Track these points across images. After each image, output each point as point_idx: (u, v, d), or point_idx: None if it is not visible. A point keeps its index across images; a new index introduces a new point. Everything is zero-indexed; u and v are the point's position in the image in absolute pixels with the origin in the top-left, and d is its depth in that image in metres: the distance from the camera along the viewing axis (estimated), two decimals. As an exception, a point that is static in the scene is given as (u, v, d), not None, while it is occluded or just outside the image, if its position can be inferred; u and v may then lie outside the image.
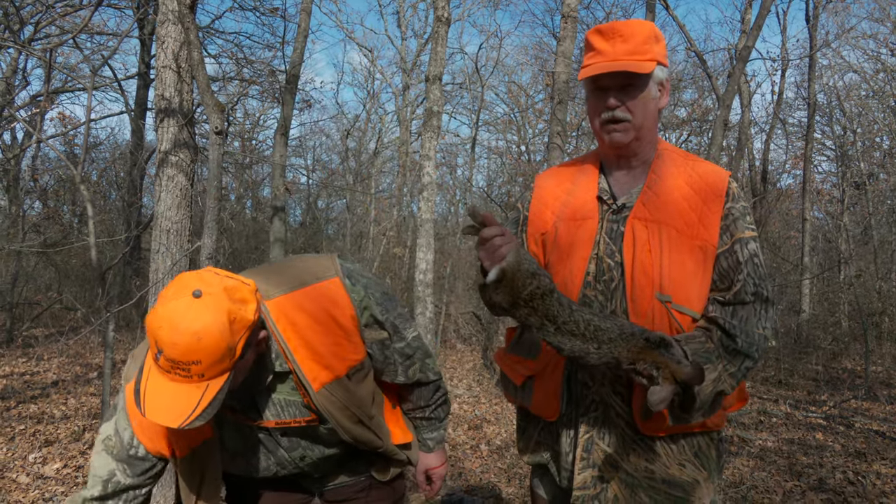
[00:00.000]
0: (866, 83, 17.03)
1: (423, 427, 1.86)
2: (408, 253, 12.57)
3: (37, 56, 6.10)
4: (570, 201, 1.78)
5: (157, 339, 1.26)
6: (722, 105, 6.51)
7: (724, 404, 1.67)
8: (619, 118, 1.65)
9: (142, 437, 1.51)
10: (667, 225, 1.62)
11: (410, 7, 18.62)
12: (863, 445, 5.52)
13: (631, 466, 1.65)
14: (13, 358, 8.25)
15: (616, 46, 1.63)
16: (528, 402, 1.79)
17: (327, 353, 1.53)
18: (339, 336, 1.55)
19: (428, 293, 6.34)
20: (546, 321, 1.47)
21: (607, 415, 1.67)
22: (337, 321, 1.54)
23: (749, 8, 11.53)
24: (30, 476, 4.39)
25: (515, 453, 5.22)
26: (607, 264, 1.66)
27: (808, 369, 8.87)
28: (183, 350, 1.25)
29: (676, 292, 1.59)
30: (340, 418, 1.58)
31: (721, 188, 1.64)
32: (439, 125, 6.61)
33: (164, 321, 1.26)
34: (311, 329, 1.52)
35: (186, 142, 3.93)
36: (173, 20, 3.92)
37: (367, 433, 1.64)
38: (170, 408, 1.27)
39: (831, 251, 15.42)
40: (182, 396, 1.28)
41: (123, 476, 1.53)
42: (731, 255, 1.60)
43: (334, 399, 1.56)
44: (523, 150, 19.07)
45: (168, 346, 1.25)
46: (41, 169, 13.83)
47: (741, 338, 1.57)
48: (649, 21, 1.72)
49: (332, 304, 1.54)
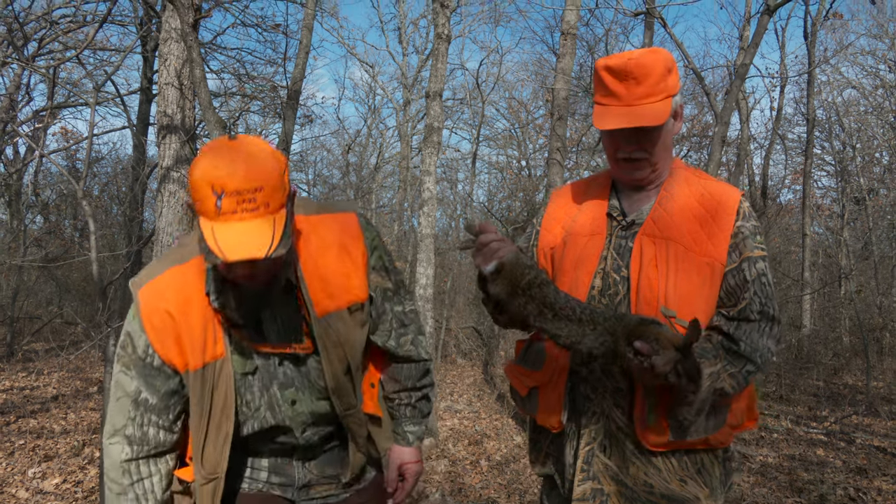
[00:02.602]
0: (865, 99, 17.13)
1: (405, 418, 1.79)
2: (408, 267, 12.58)
3: (40, 72, 6.14)
4: (579, 217, 1.80)
5: (213, 182, 1.27)
6: (720, 122, 6.55)
7: (732, 422, 1.67)
8: (636, 158, 1.66)
9: (156, 342, 1.49)
10: (675, 241, 1.63)
11: (411, 24, 18.74)
12: (864, 461, 5.50)
13: (630, 480, 1.65)
14: (13, 372, 8.25)
15: (630, 89, 1.61)
16: (533, 412, 1.82)
17: (334, 282, 1.56)
18: (348, 266, 1.57)
19: (428, 308, 6.35)
20: (544, 307, 1.51)
21: (608, 427, 1.68)
22: (348, 251, 1.57)
23: (747, 25, 11.60)
24: (29, 491, 4.38)
25: (516, 469, 5.20)
26: (613, 279, 1.67)
27: (808, 385, 8.86)
28: (243, 175, 1.27)
29: (681, 308, 1.59)
30: (332, 355, 1.58)
31: (731, 207, 1.65)
32: (440, 140, 6.64)
33: (215, 161, 1.28)
34: (323, 253, 1.55)
35: (188, 158, 3.97)
36: (176, 38, 3.96)
37: (349, 385, 1.63)
38: (248, 242, 1.28)
39: (832, 266, 15.41)
40: (255, 232, 1.28)
41: (149, 394, 1.52)
42: (738, 274, 1.61)
43: (331, 332, 1.57)
44: (524, 166, 19.12)
45: (228, 177, 1.27)
46: (43, 183, 13.89)
47: (744, 342, 1.59)
48: (659, 50, 1.65)
49: (345, 233, 1.58)
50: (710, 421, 1.63)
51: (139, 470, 1.55)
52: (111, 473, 1.55)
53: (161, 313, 1.50)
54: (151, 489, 1.56)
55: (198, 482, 1.56)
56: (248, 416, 1.59)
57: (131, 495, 1.54)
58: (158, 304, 1.50)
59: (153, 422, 1.54)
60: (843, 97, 17.10)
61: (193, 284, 1.51)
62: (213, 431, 1.54)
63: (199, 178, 1.29)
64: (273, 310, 1.55)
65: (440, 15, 6.46)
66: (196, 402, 1.53)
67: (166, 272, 1.53)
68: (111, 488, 1.55)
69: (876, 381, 8.87)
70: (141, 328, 1.51)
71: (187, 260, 1.54)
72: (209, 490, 1.55)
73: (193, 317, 1.50)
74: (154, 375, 1.52)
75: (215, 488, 1.55)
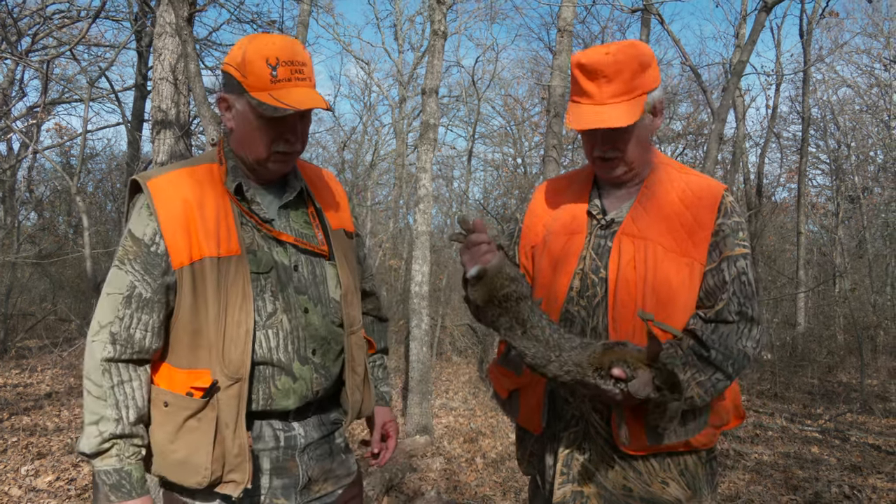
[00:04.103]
0: (860, 98, 17.18)
1: (379, 380, 1.91)
2: (404, 265, 12.57)
3: (34, 67, 6.11)
4: (560, 215, 1.76)
5: (268, 56, 1.46)
6: (717, 119, 6.55)
7: (715, 423, 1.65)
8: (609, 157, 1.63)
9: (166, 228, 1.47)
10: (653, 241, 1.60)
11: (407, 21, 18.73)
12: (858, 459, 5.52)
13: (610, 483, 1.63)
14: (6, 369, 8.21)
15: (602, 88, 1.58)
16: (515, 415, 1.81)
17: (335, 204, 1.76)
18: (340, 198, 1.80)
19: (424, 305, 6.34)
20: (515, 323, 1.50)
21: (587, 431, 1.66)
22: (337, 188, 1.81)
23: (743, 23, 11.61)
24: (22, 489, 4.36)
25: (511, 466, 5.20)
26: (591, 280, 1.64)
27: (803, 383, 8.88)
28: (293, 49, 1.50)
29: (659, 310, 1.56)
30: (344, 264, 1.69)
31: (713, 204, 1.61)
32: (435, 137, 6.63)
33: (265, 39, 1.49)
34: (323, 183, 1.77)
35: (183, 153, 3.94)
36: (171, 32, 3.93)
37: (356, 299, 1.73)
38: (310, 97, 1.49)
39: (826, 264, 15.47)
40: (311, 93, 1.50)
41: (143, 286, 1.47)
42: (717, 274, 1.58)
43: (339, 246, 1.69)
44: (519, 163, 19.13)
45: (281, 50, 1.48)
46: (37, 180, 13.84)
47: (716, 349, 1.54)
48: (636, 44, 1.60)
49: (335, 183, 1.82)
50: (689, 424, 1.60)
51: (120, 372, 1.47)
52: (92, 375, 1.46)
53: (176, 200, 1.50)
54: (132, 395, 1.47)
55: (222, 384, 1.47)
56: (260, 325, 1.53)
57: (111, 400, 1.45)
58: (173, 193, 1.51)
59: (142, 322, 1.47)
60: (838, 96, 17.17)
61: (207, 181, 1.56)
62: (233, 328, 1.48)
63: (253, 53, 1.46)
64: (287, 219, 1.64)
65: (436, 11, 6.44)
66: (212, 297, 1.48)
67: (177, 170, 1.57)
68: (90, 390, 1.46)
69: (870, 378, 8.90)
70: (150, 216, 1.49)
71: (197, 164, 1.60)
72: (233, 393, 1.48)
73: (208, 209, 1.51)
74: (154, 265, 1.48)
75: (240, 392, 1.48)
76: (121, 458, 1.45)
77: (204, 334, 1.49)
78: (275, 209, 1.62)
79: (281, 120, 1.50)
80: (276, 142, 1.53)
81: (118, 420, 1.45)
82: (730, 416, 1.69)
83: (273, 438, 1.60)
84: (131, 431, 1.46)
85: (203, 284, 1.48)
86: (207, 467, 1.46)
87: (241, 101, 1.51)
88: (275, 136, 1.52)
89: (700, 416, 1.62)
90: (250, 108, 1.49)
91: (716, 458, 1.75)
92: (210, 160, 1.60)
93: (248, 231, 1.56)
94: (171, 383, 1.50)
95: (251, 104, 1.48)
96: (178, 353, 1.52)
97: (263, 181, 1.62)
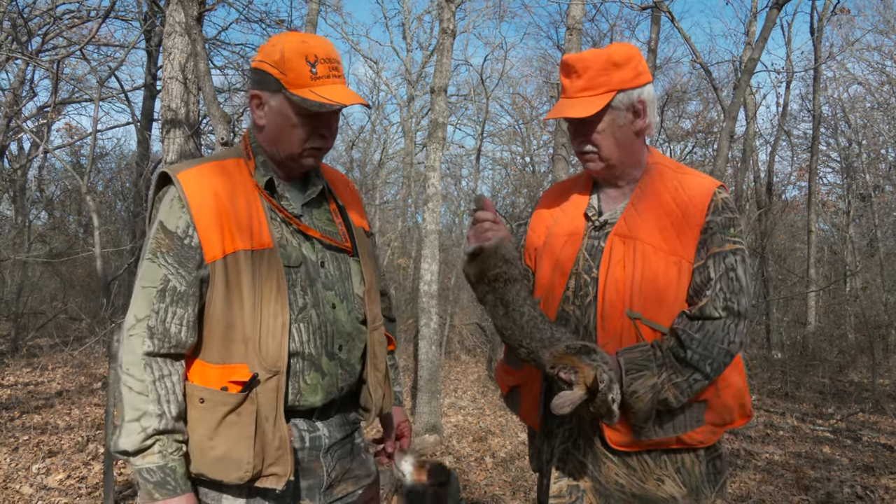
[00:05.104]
0: (871, 95, 17.06)
1: (391, 379, 1.87)
2: (412, 264, 12.57)
3: (44, 67, 6.14)
4: (560, 217, 1.82)
5: (306, 53, 1.50)
6: (728, 117, 6.51)
7: (714, 421, 1.66)
8: (584, 151, 1.71)
9: (199, 220, 1.46)
10: (643, 241, 1.63)
11: (416, 19, 18.75)
12: (871, 459, 5.47)
13: (603, 478, 1.67)
14: (17, 368, 8.26)
15: (573, 83, 1.68)
16: (517, 411, 1.86)
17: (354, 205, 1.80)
18: (356, 199, 1.84)
19: (432, 304, 6.33)
20: (500, 303, 1.60)
21: (581, 427, 1.70)
22: (358, 197, 1.86)
23: (754, 20, 11.55)
24: (33, 487, 4.38)
25: (521, 466, 5.19)
26: (584, 280, 1.69)
27: (814, 382, 8.82)
28: (328, 46, 1.55)
29: (647, 309, 1.60)
30: (367, 260, 1.73)
31: (703, 202, 1.63)
32: (444, 136, 6.62)
33: (301, 38, 1.54)
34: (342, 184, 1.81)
35: (192, 152, 3.95)
36: (180, 32, 3.94)
37: (377, 295, 1.76)
38: (349, 94, 1.53)
39: (837, 263, 15.37)
40: (345, 90, 1.54)
41: (178, 280, 1.45)
42: (704, 271, 1.60)
43: (361, 243, 1.73)
44: (528, 162, 19.11)
45: (319, 48, 1.52)
46: (47, 179, 13.93)
47: (693, 349, 1.55)
48: (617, 45, 1.68)
49: (351, 184, 1.86)
50: (675, 420, 1.62)
51: (160, 366, 1.44)
52: (132, 369, 1.43)
53: (207, 193, 1.49)
54: (173, 389, 1.44)
55: (262, 377, 1.46)
56: (293, 318, 1.53)
57: (153, 395, 1.41)
58: (205, 185, 1.50)
59: (177, 316, 1.45)
60: (848, 93, 17.06)
61: (237, 175, 1.57)
62: (270, 320, 1.48)
63: (291, 51, 1.50)
64: (311, 216, 1.66)
65: (445, 10, 6.43)
66: (247, 290, 1.47)
67: (207, 163, 1.58)
68: (131, 386, 1.42)
69: (882, 378, 8.83)
70: (182, 208, 1.48)
71: (224, 159, 1.61)
72: (272, 386, 1.47)
73: (239, 203, 1.52)
74: (189, 257, 1.46)
75: (278, 385, 1.48)
76: (164, 454, 1.42)
77: (238, 328, 1.48)
78: (299, 205, 1.64)
79: (317, 116, 1.53)
80: (312, 138, 1.56)
81: (161, 415, 1.42)
82: (733, 415, 1.70)
83: (298, 439, 1.59)
84: (174, 427, 1.44)
85: (237, 277, 1.48)
86: (250, 461, 1.45)
87: (277, 97, 1.52)
88: (311, 131, 1.55)
89: (689, 413, 1.63)
90: (290, 104, 1.51)
91: (720, 456, 1.76)
92: (237, 155, 1.62)
93: (277, 226, 1.57)
94: (205, 379, 1.49)
95: (291, 101, 1.50)
96: (210, 348, 1.50)
97: (289, 177, 1.64)
